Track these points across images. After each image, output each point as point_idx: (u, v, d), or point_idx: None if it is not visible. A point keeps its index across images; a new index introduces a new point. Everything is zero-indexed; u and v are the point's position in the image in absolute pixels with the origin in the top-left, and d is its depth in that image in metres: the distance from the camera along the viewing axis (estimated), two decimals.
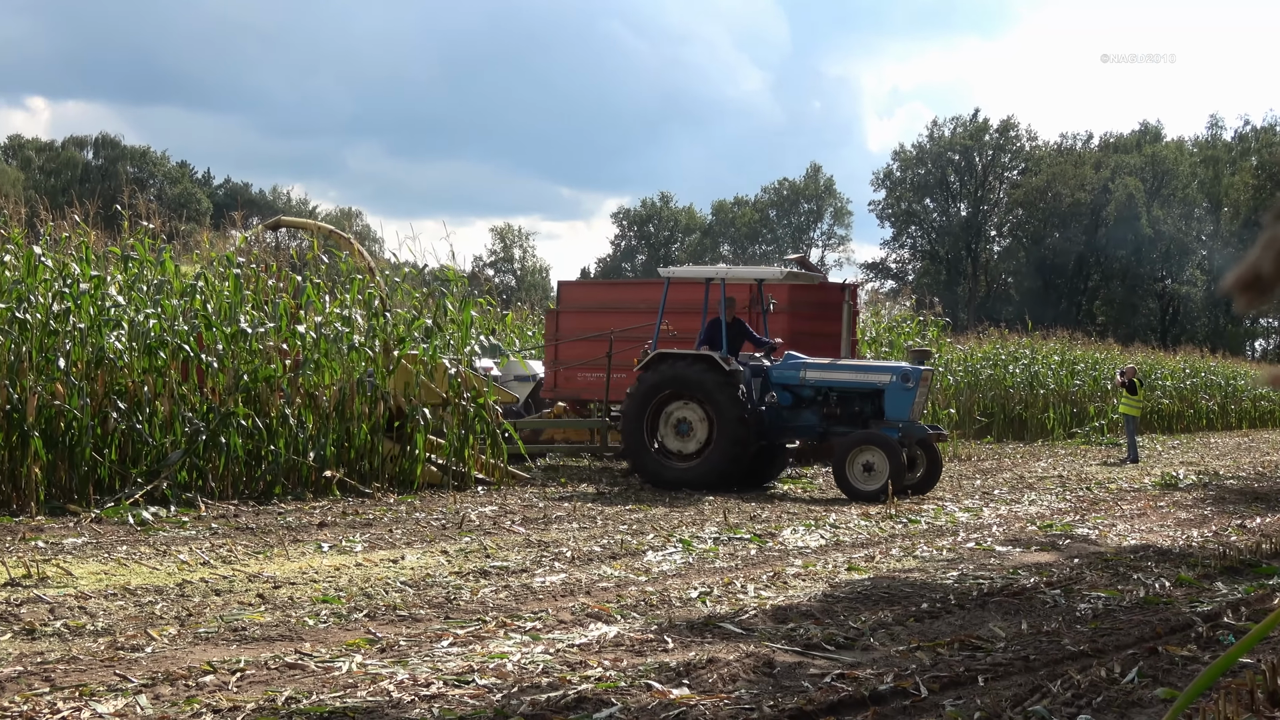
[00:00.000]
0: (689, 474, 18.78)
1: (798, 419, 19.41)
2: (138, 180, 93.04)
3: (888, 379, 19.03)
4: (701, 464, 18.84)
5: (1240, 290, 1.37)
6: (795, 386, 19.41)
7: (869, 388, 19.13)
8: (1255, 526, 15.68)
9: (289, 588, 9.70)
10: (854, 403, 19.25)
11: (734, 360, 19.09)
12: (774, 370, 19.56)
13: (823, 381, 19.33)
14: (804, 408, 19.41)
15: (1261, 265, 1.36)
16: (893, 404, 18.88)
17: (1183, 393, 49.74)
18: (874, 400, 19.09)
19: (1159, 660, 7.58)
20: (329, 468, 16.78)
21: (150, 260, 16.75)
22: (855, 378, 19.39)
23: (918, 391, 18.90)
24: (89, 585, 9.61)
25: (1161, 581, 10.85)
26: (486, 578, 10.39)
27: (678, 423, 19.12)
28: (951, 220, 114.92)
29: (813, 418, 19.35)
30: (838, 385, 19.30)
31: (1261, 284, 1.36)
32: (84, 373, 15.06)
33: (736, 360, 19.19)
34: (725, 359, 18.87)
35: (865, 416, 19.12)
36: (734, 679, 6.93)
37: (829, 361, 20.27)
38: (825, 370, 19.58)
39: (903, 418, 18.76)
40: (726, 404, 18.68)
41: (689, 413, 19.04)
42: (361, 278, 18.60)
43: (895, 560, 12.01)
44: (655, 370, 19.31)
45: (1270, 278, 1.36)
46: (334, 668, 7.06)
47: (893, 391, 18.90)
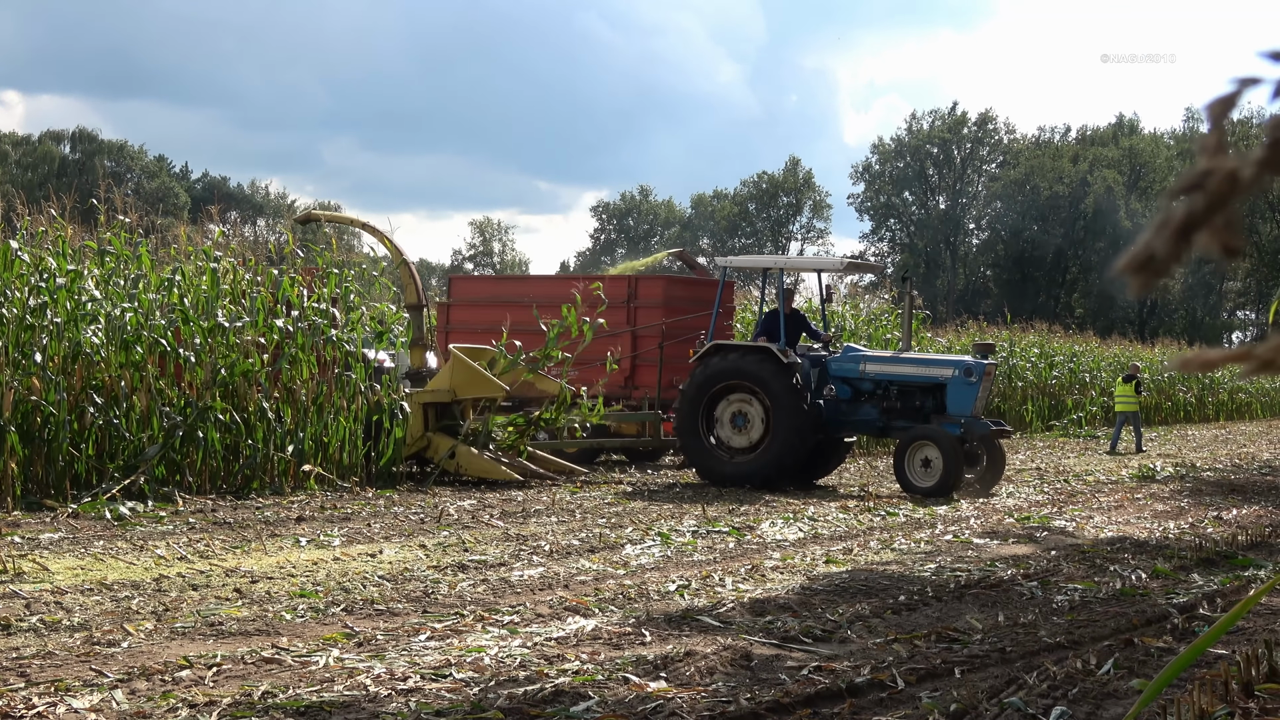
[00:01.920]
0: (746, 468, 18.33)
1: (857, 413, 18.97)
2: (115, 174, 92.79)
3: (950, 373, 18.54)
4: (758, 458, 18.40)
5: (1134, 272, 1.39)
6: (855, 379, 18.97)
7: (930, 381, 18.67)
8: (1231, 518, 15.74)
9: (266, 582, 9.68)
10: (915, 397, 18.79)
11: (792, 352, 18.64)
12: (833, 363, 19.12)
13: (883, 375, 18.88)
14: (863, 401, 18.97)
15: (1155, 246, 1.38)
16: (955, 398, 18.39)
17: (1160, 385, 49.91)
18: (935, 394, 18.65)
19: (1135, 652, 7.61)
20: (307, 462, 16.75)
21: (127, 255, 16.69)
22: (916, 371, 18.87)
23: (980, 386, 18.35)
24: (65, 580, 9.58)
25: (1138, 573, 10.89)
26: (464, 571, 10.38)
27: (734, 416, 18.69)
28: (930, 213, 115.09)
29: (872, 412, 18.88)
30: (898, 379, 18.83)
31: (1155, 266, 1.38)
32: (61, 367, 15.00)
33: (795, 352, 18.77)
34: (783, 350, 18.46)
35: (926, 411, 18.66)
36: (711, 672, 6.93)
37: (890, 354, 19.91)
38: (885, 363, 19.16)
39: (965, 413, 18.26)
40: (784, 396, 18.26)
41: (746, 405, 18.60)
42: (338, 272, 18.52)
43: (873, 553, 12.03)
44: (711, 362, 18.88)
45: (1164, 259, 1.37)
46: (311, 662, 7.04)
47: (955, 386, 18.41)
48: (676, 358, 22.82)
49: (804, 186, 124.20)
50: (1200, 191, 1.38)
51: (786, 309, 19.32)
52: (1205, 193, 1.38)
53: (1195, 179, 1.39)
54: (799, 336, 19.37)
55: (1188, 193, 1.39)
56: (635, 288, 24.44)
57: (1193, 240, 1.39)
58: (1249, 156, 1.39)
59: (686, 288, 25.31)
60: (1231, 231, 1.38)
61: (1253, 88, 1.43)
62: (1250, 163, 1.38)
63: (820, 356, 19.14)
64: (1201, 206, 1.38)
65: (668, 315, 23.46)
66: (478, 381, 18.55)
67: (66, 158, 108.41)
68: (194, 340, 16.23)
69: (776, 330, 19.00)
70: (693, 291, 24.95)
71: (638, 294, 24.24)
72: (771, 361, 18.39)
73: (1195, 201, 1.38)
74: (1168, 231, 1.38)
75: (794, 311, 19.64)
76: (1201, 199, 1.38)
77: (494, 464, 18.30)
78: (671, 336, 22.92)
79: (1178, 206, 1.39)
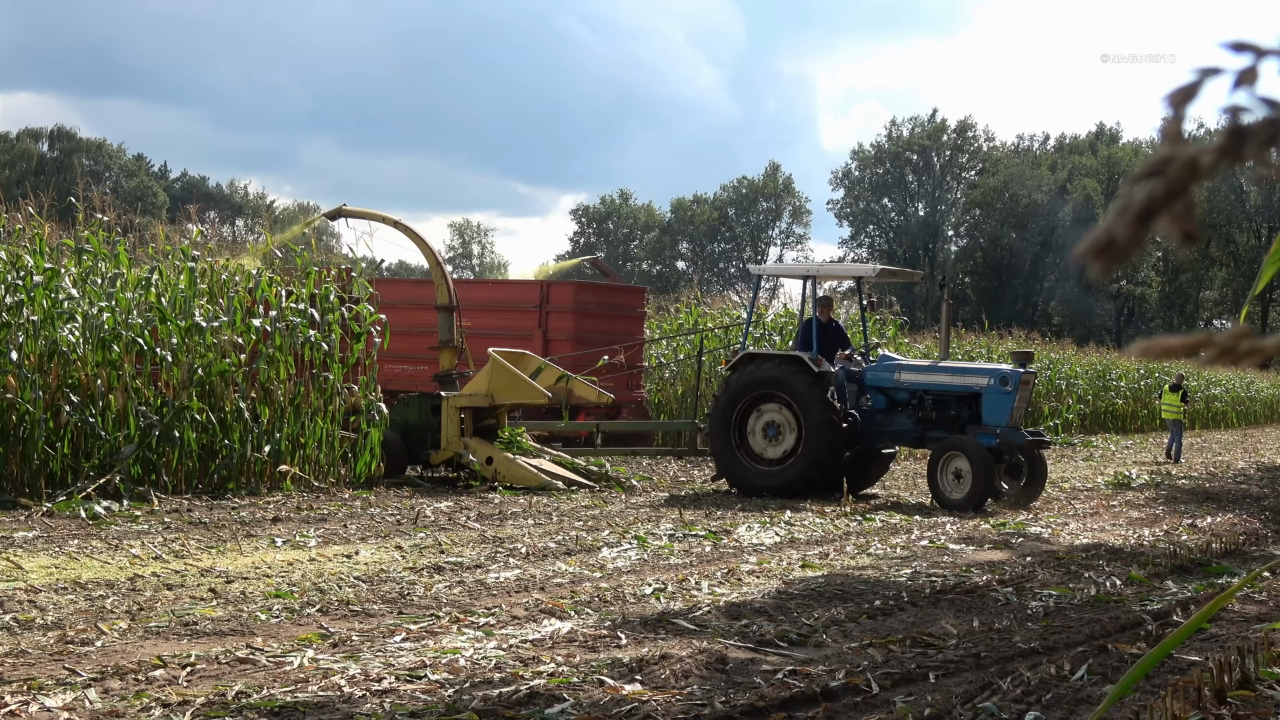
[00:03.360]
0: (776, 479, 17.94)
1: (892, 423, 18.54)
2: (93, 173, 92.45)
3: (985, 382, 18.00)
4: (789, 469, 18.00)
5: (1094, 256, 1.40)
6: (890, 389, 18.48)
7: (966, 391, 18.12)
8: (1206, 526, 15.80)
9: (241, 582, 9.66)
10: (950, 406, 18.25)
11: (825, 361, 18.25)
12: (868, 373, 18.71)
13: (917, 384, 18.39)
14: (899, 411, 18.51)
15: (1115, 230, 1.40)
16: (991, 408, 17.81)
17: (1136, 393, 50.08)
18: (971, 404, 18.09)
19: (1109, 658, 7.64)
20: (284, 462, 16.72)
21: (105, 253, 16.62)
22: (951, 380, 18.34)
23: (1017, 395, 17.81)
24: (39, 579, 9.54)
25: (1112, 580, 10.92)
26: (440, 573, 10.37)
27: (766, 426, 18.29)
28: (909, 220, 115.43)
29: (907, 422, 18.41)
30: (933, 388, 18.31)
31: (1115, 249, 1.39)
32: (37, 366, 14.94)
33: (831, 362, 18.41)
34: (815, 360, 18.06)
35: (962, 421, 18.10)
36: (687, 675, 6.94)
37: (927, 363, 19.51)
38: (920, 372, 18.71)
39: (1001, 423, 17.66)
40: (814, 406, 17.82)
41: (778, 416, 18.21)
42: (319, 270, 18.47)
43: (849, 557, 12.05)
44: (742, 371, 18.56)
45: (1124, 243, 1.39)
46: (285, 662, 7.03)
47: (991, 395, 17.85)
48: (589, 361, 23.34)
49: (784, 192, 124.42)
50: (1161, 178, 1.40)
51: (824, 318, 19.07)
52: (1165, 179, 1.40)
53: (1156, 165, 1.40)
54: (836, 347, 18.97)
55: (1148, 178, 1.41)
56: (547, 292, 24.84)
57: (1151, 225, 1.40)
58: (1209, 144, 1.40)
59: (598, 293, 25.76)
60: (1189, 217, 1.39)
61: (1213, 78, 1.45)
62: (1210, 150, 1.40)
63: (856, 368, 18.73)
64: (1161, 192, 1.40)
65: (578, 320, 23.88)
66: (517, 386, 18.36)
67: (45, 156, 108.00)
68: (171, 340, 16.18)
69: (811, 339, 18.70)
70: (604, 297, 25.39)
71: (549, 299, 24.63)
72: (803, 371, 18.03)
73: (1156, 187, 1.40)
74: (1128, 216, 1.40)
75: (831, 321, 19.33)
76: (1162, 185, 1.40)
77: (534, 471, 18.09)
78: (585, 341, 23.38)
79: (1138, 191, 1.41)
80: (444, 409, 18.55)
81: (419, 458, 18.95)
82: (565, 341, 24.11)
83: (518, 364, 18.96)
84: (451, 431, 18.45)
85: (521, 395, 18.48)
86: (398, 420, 18.98)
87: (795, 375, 18.05)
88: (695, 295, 38.86)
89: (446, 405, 18.51)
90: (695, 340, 29.76)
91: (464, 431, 18.47)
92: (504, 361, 18.50)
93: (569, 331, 23.92)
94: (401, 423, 18.95)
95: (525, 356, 19.69)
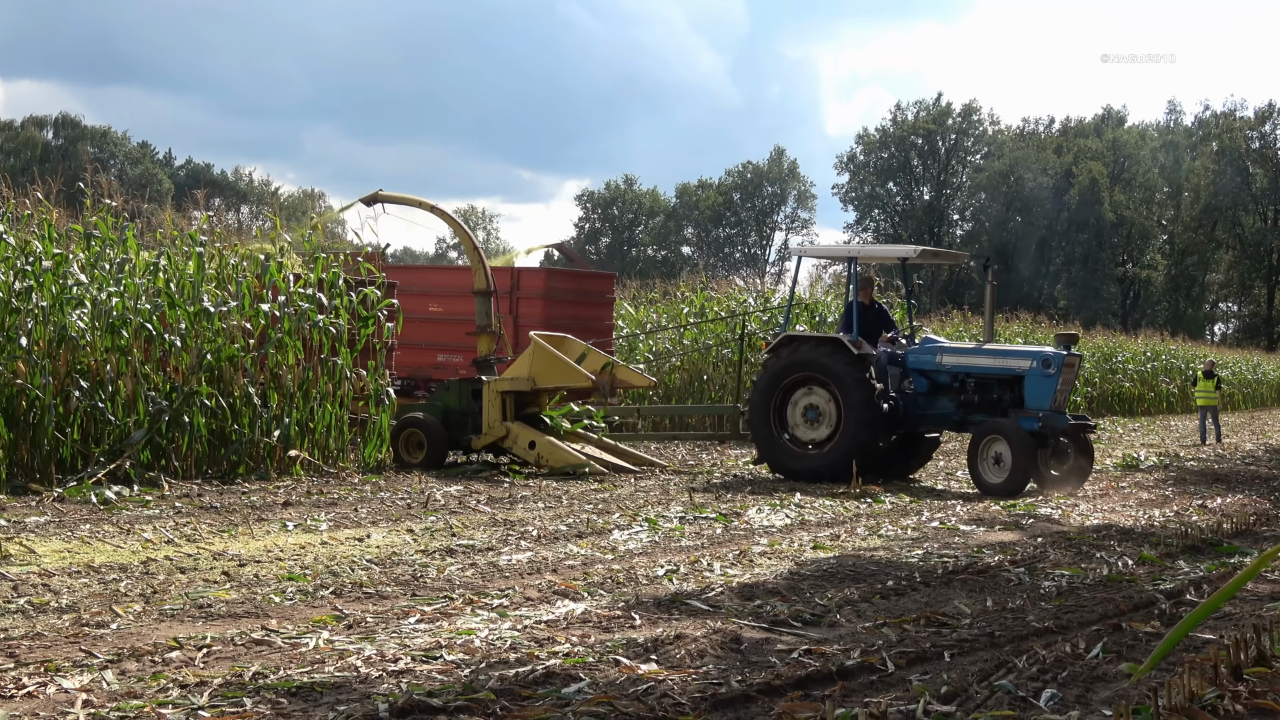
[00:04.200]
0: (816, 463, 17.74)
1: (934, 406, 18.23)
2: (99, 161, 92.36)
3: (1028, 364, 17.69)
4: (829, 453, 17.77)
5: None
6: (931, 372, 18.17)
7: (1007, 373, 17.83)
8: (1216, 507, 15.79)
9: (254, 566, 9.66)
10: (992, 389, 17.97)
11: (866, 344, 18.03)
12: (910, 355, 18.39)
13: (959, 367, 18.11)
14: (940, 394, 18.21)
15: None
16: (1033, 391, 17.50)
17: (1144, 376, 50.08)
18: (1013, 387, 17.78)
19: (1123, 636, 7.63)
20: (293, 447, 16.73)
21: (113, 239, 16.63)
22: (993, 363, 18.06)
23: (1060, 378, 17.46)
24: (52, 563, 9.55)
25: (1124, 560, 10.92)
26: (453, 556, 10.38)
27: (806, 409, 18.07)
28: (914, 204, 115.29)
29: (949, 405, 18.14)
30: (975, 371, 18.05)
31: None
32: (46, 351, 14.95)
33: (873, 345, 18.18)
34: (854, 342, 17.87)
35: (1004, 404, 17.82)
36: (702, 655, 6.94)
37: (970, 345, 19.14)
38: (963, 355, 18.44)
39: (1043, 406, 17.34)
40: (853, 389, 17.62)
41: (818, 399, 18.00)
42: (326, 255, 18.45)
43: (860, 539, 12.04)
44: (781, 354, 18.37)
45: None
46: (301, 644, 7.03)
47: (1033, 378, 17.54)
48: None
49: (789, 176, 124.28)
50: None
51: (866, 300, 18.89)
52: None
53: None
54: (879, 329, 18.73)
55: None
56: (518, 279, 25.06)
57: None
58: None
59: (567, 280, 25.99)
60: None
61: None
62: None
63: (899, 350, 18.45)
64: None
65: (548, 306, 24.07)
66: (559, 369, 18.24)
67: (50, 143, 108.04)
68: (179, 325, 16.19)
69: (852, 321, 18.51)
70: (574, 284, 25.64)
71: (520, 285, 24.85)
72: (842, 353, 17.82)
73: None
74: None
75: (873, 303, 19.10)
76: None
77: (577, 455, 17.95)
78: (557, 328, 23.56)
79: None
80: (485, 393, 18.38)
81: (460, 443, 18.80)
82: (535, 327, 24.36)
83: (560, 348, 18.82)
84: (493, 416, 18.28)
85: (564, 379, 18.34)
86: (438, 405, 18.89)
87: (834, 357, 17.85)
88: (701, 280, 38.88)
89: (488, 389, 18.35)
90: (735, 326, 29.81)
91: (506, 416, 18.30)
92: (546, 345, 18.37)
93: (539, 317, 24.26)
94: (442, 408, 18.82)
95: (568, 340, 19.54)
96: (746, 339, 27.17)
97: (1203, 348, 66.75)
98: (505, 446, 18.38)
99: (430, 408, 18.96)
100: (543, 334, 19.14)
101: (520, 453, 18.14)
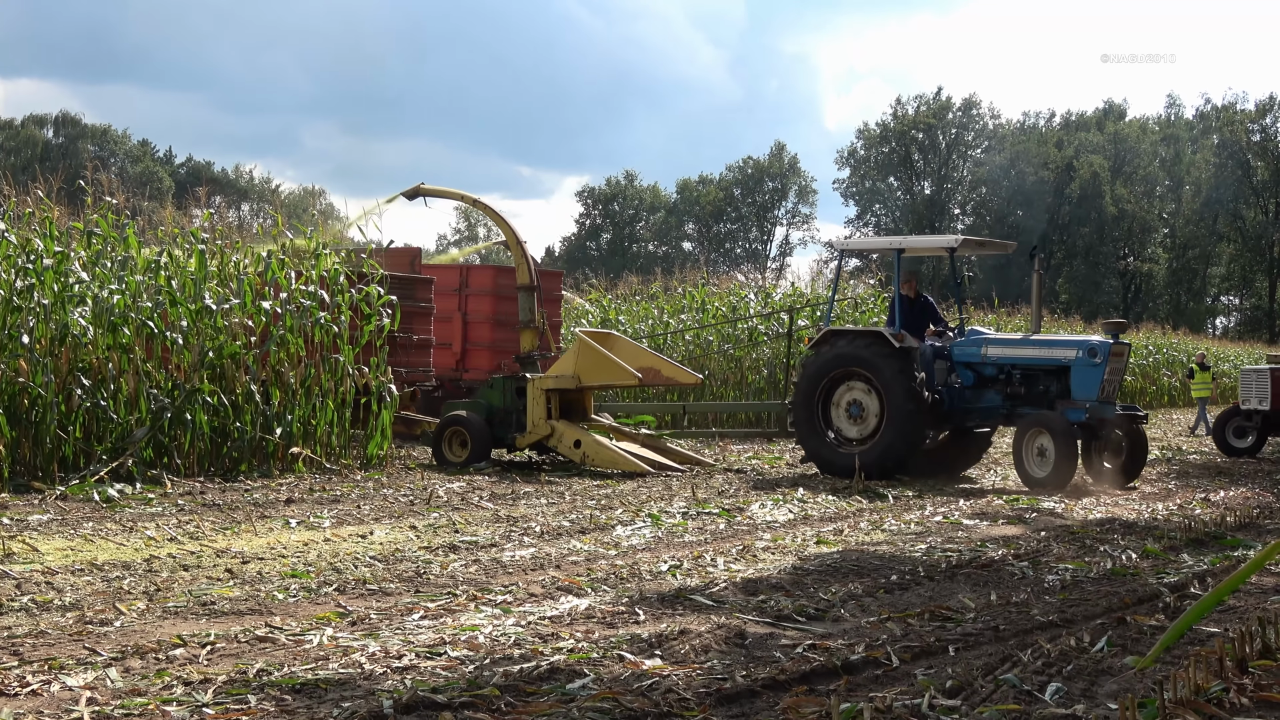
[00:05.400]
0: (859, 459, 17.28)
1: (980, 400, 17.91)
2: (99, 159, 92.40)
3: (1073, 354, 17.30)
4: (872, 448, 17.45)
5: None
6: (977, 364, 17.90)
7: (1054, 364, 17.47)
8: (1219, 500, 15.79)
9: (257, 563, 9.66)
10: (1039, 381, 17.64)
11: (908, 336, 17.79)
12: (955, 348, 18.08)
13: (1005, 358, 17.77)
14: (987, 387, 17.90)
15: None
16: (1079, 382, 17.12)
17: (1145, 369, 50.06)
18: (1060, 378, 17.46)
19: (1127, 630, 7.62)
20: (295, 444, 16.72)
21: (114, 236, 16.62)
22: (1038, 354, 17.66)
23: (1106, 368, 17.02)
24: (55, 561, 9.55)
25: (1128, 553, 10.91)
26: (456, 552, 10.37)
27: (849, 405, 17.79)
28: (915, 198, 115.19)
29: (995, 398, 17.81)
30: (1021, 362, 17.69)
31: None
32: (48, 349, 14.95)
33: (918, 338, 17.95)
34: (896, 335, 17.57)
35: (1051, 396, 17.48)
36: (706, 650, 6.93)
37: (1018, 337, 18.69)
38: (1008, 346, 18.04)
39: (1090, 397, 16.97)
40: (895, 382, 17.29)
41: (861, 394, 17.72)
42: (328, 252, 18.44)
43: (863, 534, 12.04)
44: (824, 349, 18.11)
45: None
46: (305, 640, 7.03)
47: (1079, 368, 17.16)
48: (506, 341, 23.51)
49: (789, 171, 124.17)
50: None
51: (911, 293, 18.66)
52: None
53: None
54: (925, 322, 18.46)
55: None
56: (467, 276, 25.28)
57: None
58: None
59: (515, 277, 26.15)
60: None
61: None
62: None
63: (945, 344, 18.13)
64: None
65: (497, 303, 24.34)
66: (605, 367, 17.96)
67: (50, 142, 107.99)
68: (181, 322, 16.18)
69: (897, 315, 18.30)
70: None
71: (469, 282, 25.07)
72: (883, 346, 17.54)
73: None
74: None
75: (919, 296, 18.84)
76: None
77: (624, 455, 17.64)
78: (503, 324, 23.76)
79: None
80: (529, 391, 18.16)
81: (504, 441, 18.61)
82: (484, 324, 24.75)
83: (605, 344, 18.56)
84: (538, 414, 18.06)
85: (610, 376, 18.12)
86: (482, 403, 18.68)
87: (874, 350, 17.57)
88: (703, 275, 38.86)
89: (532, 387, 18.12)
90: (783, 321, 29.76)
91: (550, 414, 18.08)
92: (591, 342, 18.11)
93: (487, 314, 24.61)
94: (486, 405, 18.62)
95: (613, 337, 19.34)
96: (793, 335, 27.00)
97: (1204, 341, 66.71)
98: (550, 445, 18.14)
99: (474, 405, 18.69)
100: (588, 331, 18.96)
101: (566, 452, 17.89)
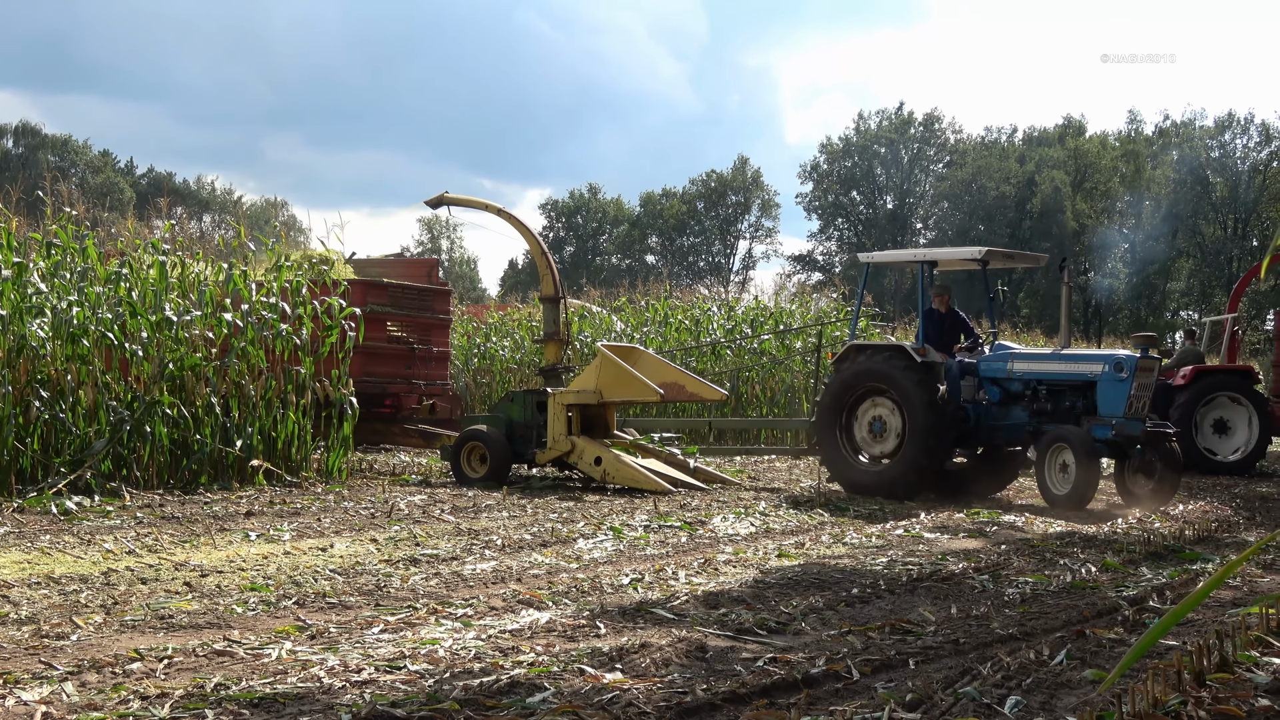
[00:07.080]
0: (880, 477, 17.09)
1: (1007, 416, 17.42)
2: (59, 169, 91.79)
3: (1099, 369, 16.80)
4: (892, 466, 17.09)
5: None
6: (1004, 380, 17.43)
7: (1080, 379, 16.98)
8: (1178, 513, 15.87)
9: (216, 576, 9.60)
10: (1065, 397, 17.15)
11: (932, 350, 17.47)
12: (982, 363, 17.60)
13: (1031, 374, 17.29)
14: (1013, 404, 17.42)
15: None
16: (1106, 397, 16.66)
17: None
18: (1086, 394, 16.97)
19: (1086, 643, 7.65)
20: (256, 457, 16.64)
21: (74, 247, 16.52)
22: (1064, 369, 17.17)
23: (1134, 383, 16.53)
24: (11, 574, 9.46)
25: (1087, 567, 10.96)
26: (416, 565, 10.33)
27: (872, 421, 17.41)
28: (878, 213, 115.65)
29: (1022, 415, 17.32)
30: (1047, 377, 17.22)
31: None
32: (5, 361, 14.83)
33: (947, 353, 17.63)
34: (918, 349, 17.28)
35: (1077, 412, 16.98)
36: (667, 663, 6.92)
37: (1048, 351, 18.09)
38: (1033, 361, 17.52)
39: (1116, 413, 16.49)
40: (916, 398, 16.89)
41: (884, 411, 17.31)
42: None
43: (825, 547, 12.05)
44: (845, 365, 17.75)
45: None
46: (264, 654, 6.99)
47: (1105, 383, 16.69)
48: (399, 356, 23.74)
49: (752, 185, 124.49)
50: None
51: (942, 306, 18.30)
52: None
53: None
54: (957, 336, 18.10)
55: None
56: None
57: None
58: None
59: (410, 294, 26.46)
60: None
61: None
62: None
63: (971, 358, 17.72)
64: None
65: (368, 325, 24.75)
66: (627, 382, 17.53)
67: (10, 152, 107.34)
68: (141, 334, 16.09)
69: (929, 329, 18.01)
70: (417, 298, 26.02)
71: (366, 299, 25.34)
72: (903, 360, 17.19)
73: None
74: None
75: (950, 310, 18.44)
76: None
77: (645, 473, 17.28)
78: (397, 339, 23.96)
79: None
80: (550, 405, 17.81)
81: (524, 457, 18.28)
82: None
83: (628, 358, 18.24)
84: (558, 429, 17.70)
85: (632, 392, 17.65)
86: (502, 418, 18.36)
87: (894, 363, 17.25)
88: (666, 288, 38.89)
89: (553, 402, 17.78)
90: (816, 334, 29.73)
91: (571, 430, 17.77)
92: (614, 356, 17.75)
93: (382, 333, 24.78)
94: (506, 420, 18.29)
95: (635, 351, 19.04)
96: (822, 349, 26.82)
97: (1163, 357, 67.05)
98: (570, 461, 17.79)
99: (493, 420, 18.38)
100: (610, 345, 18.66)
101: (586, 469, 17.54)
